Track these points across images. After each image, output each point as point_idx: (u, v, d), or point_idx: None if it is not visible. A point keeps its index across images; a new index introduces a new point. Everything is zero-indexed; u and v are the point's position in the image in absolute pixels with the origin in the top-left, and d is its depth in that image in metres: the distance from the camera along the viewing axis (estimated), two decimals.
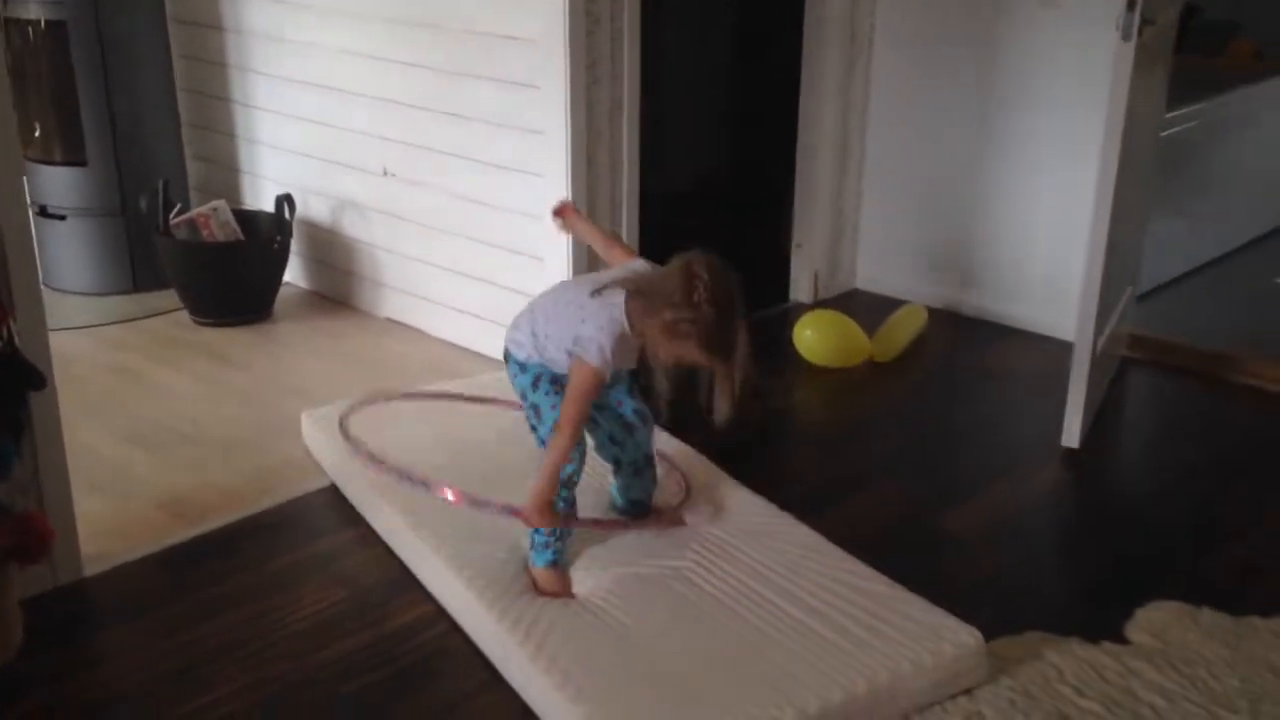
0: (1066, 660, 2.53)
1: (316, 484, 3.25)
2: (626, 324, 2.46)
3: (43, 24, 4.34)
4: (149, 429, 3.57)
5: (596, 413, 2.69)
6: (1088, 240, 3.34)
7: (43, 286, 4.47)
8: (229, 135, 4.76)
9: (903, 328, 4.14)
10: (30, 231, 2.61)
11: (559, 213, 2.90)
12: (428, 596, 2.74)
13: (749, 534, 2.79)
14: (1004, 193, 4.31)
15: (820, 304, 4.59)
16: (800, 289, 4.65)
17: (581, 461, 2.63)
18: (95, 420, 3.60)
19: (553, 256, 3.68)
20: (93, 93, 4.36)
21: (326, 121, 4.34)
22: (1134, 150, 3.34)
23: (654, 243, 4.06)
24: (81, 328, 4.33)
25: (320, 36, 4.26)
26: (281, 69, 4.45)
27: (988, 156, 4.31)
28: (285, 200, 4.35)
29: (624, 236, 3.87)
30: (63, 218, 4.51)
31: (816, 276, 4.62)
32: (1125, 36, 3.10)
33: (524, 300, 3.79)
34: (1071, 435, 3.47)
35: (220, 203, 4.47)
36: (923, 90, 4.42)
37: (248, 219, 4.46)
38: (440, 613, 2.68)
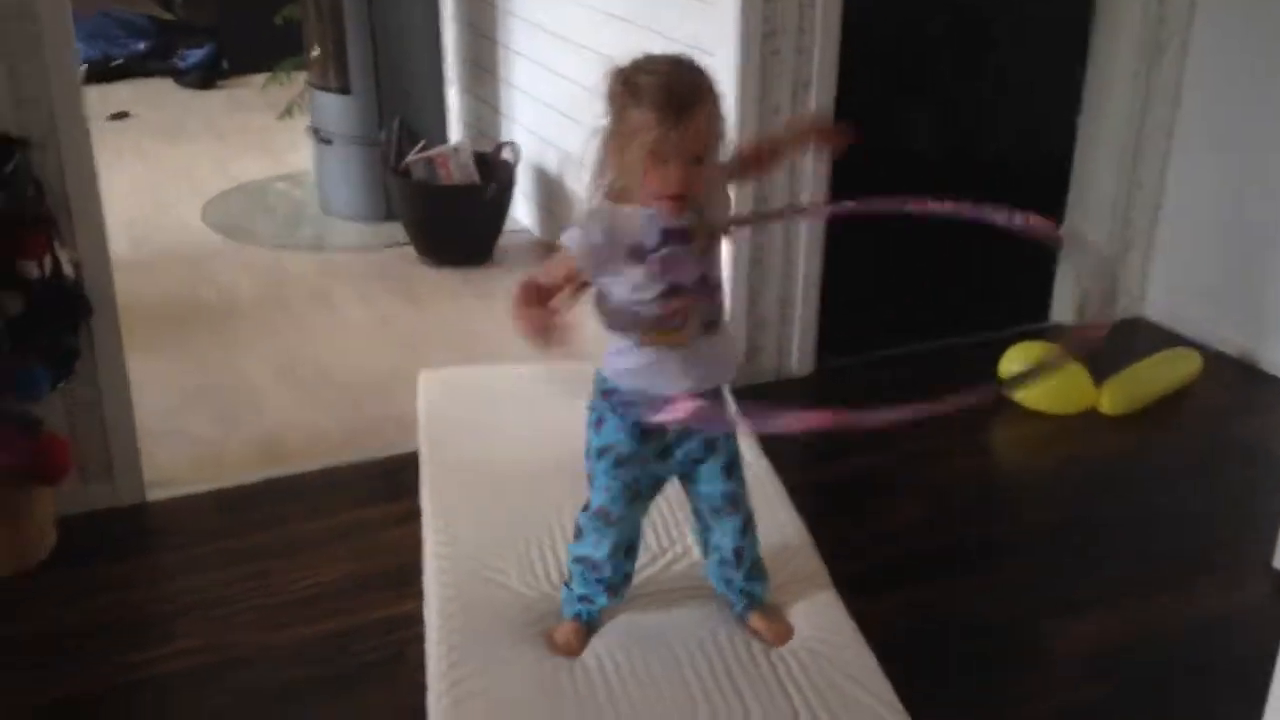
0: None
1: (410, 446, 3.15)
2: (602, 200, 1.94)
3: None
4: (304, 364, 3.63)
5: (689, 487, 2.22)
6: None
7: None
8: (492, 75, 4.74)
9: (1150, 378, 3.40)
10: (92, 157, 2.64)
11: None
12: (419, 593, 2.57)
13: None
14: None
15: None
16: (1063, 308, 3.96)
17: (613, 559, 2.18)
18: (264, 347, 3.72)
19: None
20: (358, 24, 4.46)
21: (557, 70, 4.19)
22: None
23: (863, 246, 3.59)
24: (315, 251, 4.51)
25: None
26: (533, 14, 4.34)
27: None
28: (507, 147, 4.26)
29: (818, 230, 3.46)
30: (329, 142, 4.69)
31: (1085, 296, 3.90)
32: None
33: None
34: None
35: (463, 142, 4.46)
36: (1252, 83, 3.56)
37: (486, 162, 4.41)
38: (416, 615, 2.51)
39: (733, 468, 2.14)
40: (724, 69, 3.18)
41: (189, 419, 3.29)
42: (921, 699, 2.13)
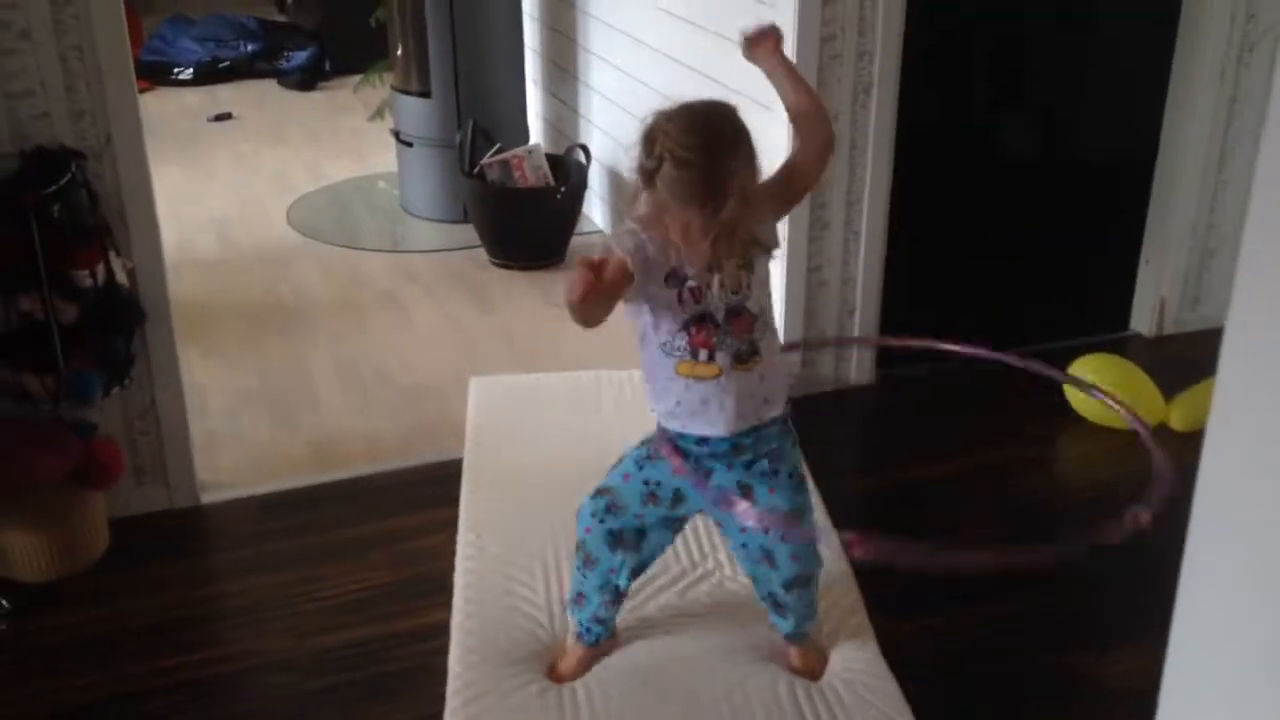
0: None
1: (458, 453, 3.18)
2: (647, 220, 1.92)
3: None
4: (367, 367, 3.69)
5: (723, 530, 2.25)
6: None
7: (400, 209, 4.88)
8: (571, 76, 4.74)
9: None
10: (147, 167, 2.71)
11: (755, 41, 2.11)
12: (448, 603, 2.59)
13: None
14: None
15: (1164, 339, 3.74)
16: (1141, 318, 3.80)
17: (611, 578, 2.16)
18: (330, 349, 3.79)
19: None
20: (439, 28, 4.50)
21: (632, 73, 4.17)
22: None
23: (925, 252, 3.50)
24: (391, 252, 4.57)
25: None
26: (609, 15, 4.33)
27: None
28: (579, 149, 4.26)
29: (878, 241, 3.37)
30: (410, 144, 4.75)
31: (1163, 305, 3.75)
32: None
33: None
34: None
35: (536, 145, 4.47)
36: None
37: (559, 164, 4.42)
38: (446, 625, 2.53)
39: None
40: None
41: (249, 421, 3.37)
42: None
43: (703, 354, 1.95)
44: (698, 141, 1.80)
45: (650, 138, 1.85)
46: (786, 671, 2.22)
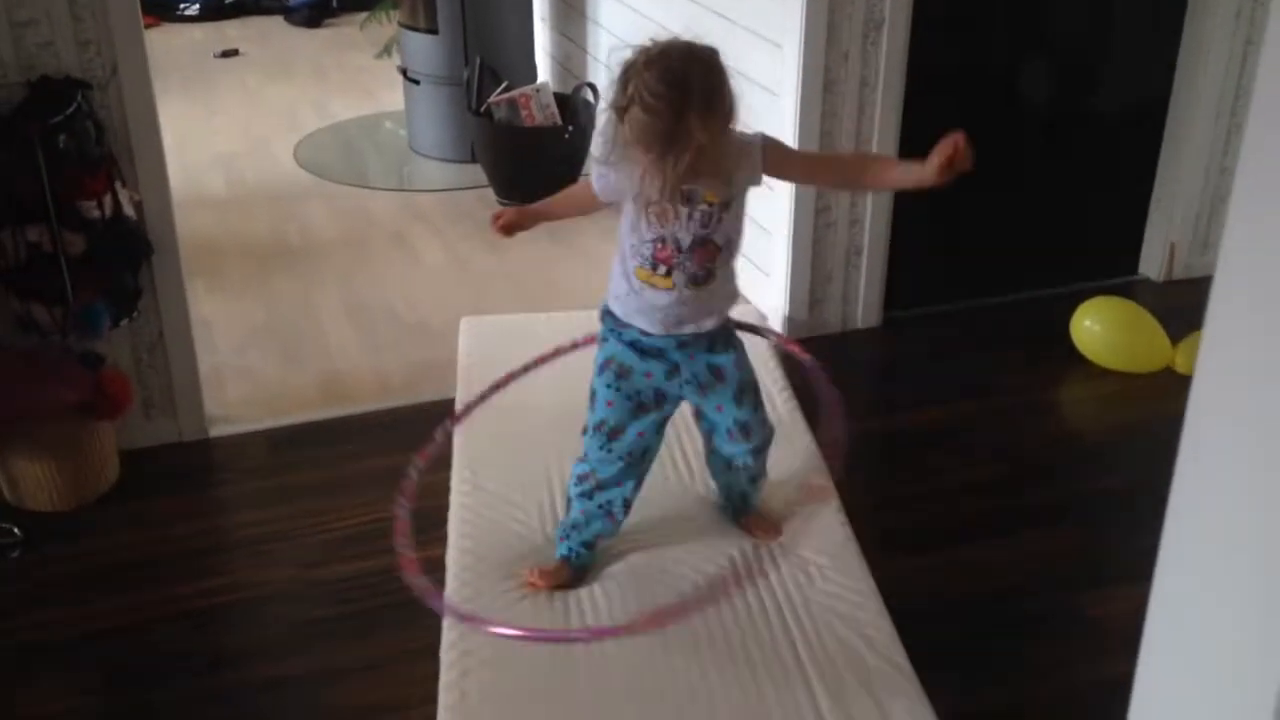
0: None
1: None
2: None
3: None
4: (372, 304, 3.69)
5: (699, 421, 2.28)
6: None
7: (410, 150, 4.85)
8: (580, 13, 4.70)
9: None
10: (153, 98, 2.70)
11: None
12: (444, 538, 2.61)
13: (796, 567, 2.34)
14: None
15: (1173, 284, 3.73)
16: (1150, 262, 3.79)
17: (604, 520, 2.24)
18: (338, 287, 3.80)
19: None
20: None
21: (641, 10, 4.13)
22: None
23: (933, 197, 3.46)
24: (399, 191, 4.56)
25: None
26: None
27: None
28: (587, 88, 4.23)
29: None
30: (417, 82, 4.72)
31: (1173, 250, 3.73)
32: None
33: (762, 229, 3.47)
34: None
35: (544, 83, 4.44)
36: None
37: (567, 103, 4.39)
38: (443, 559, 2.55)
39: (743, 394, 2.16)
40: (791, 12, 3.10)
41: (258, 356, 3.38)
42: (944, 663, 2.12)
43: (661, 269, 2.02)
44: (667, 93, 1.83)
45: (626, 77, 1.88)
46: (751, 539, 2.31)
